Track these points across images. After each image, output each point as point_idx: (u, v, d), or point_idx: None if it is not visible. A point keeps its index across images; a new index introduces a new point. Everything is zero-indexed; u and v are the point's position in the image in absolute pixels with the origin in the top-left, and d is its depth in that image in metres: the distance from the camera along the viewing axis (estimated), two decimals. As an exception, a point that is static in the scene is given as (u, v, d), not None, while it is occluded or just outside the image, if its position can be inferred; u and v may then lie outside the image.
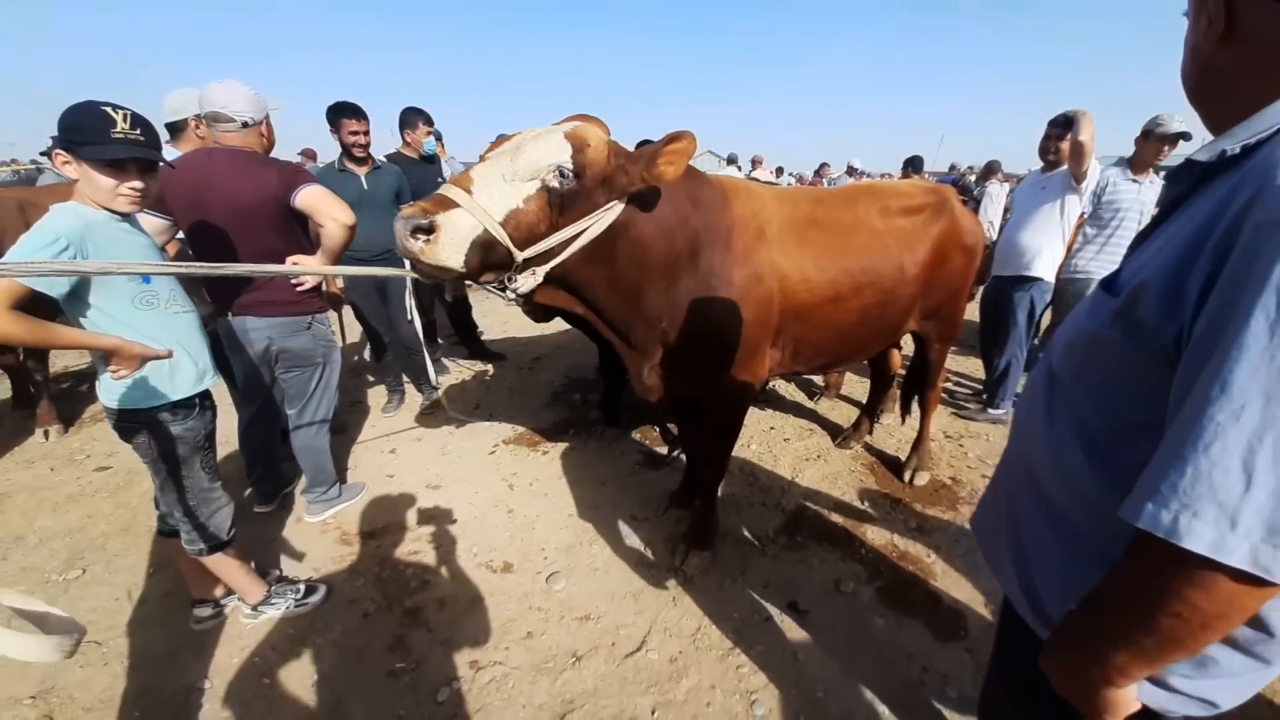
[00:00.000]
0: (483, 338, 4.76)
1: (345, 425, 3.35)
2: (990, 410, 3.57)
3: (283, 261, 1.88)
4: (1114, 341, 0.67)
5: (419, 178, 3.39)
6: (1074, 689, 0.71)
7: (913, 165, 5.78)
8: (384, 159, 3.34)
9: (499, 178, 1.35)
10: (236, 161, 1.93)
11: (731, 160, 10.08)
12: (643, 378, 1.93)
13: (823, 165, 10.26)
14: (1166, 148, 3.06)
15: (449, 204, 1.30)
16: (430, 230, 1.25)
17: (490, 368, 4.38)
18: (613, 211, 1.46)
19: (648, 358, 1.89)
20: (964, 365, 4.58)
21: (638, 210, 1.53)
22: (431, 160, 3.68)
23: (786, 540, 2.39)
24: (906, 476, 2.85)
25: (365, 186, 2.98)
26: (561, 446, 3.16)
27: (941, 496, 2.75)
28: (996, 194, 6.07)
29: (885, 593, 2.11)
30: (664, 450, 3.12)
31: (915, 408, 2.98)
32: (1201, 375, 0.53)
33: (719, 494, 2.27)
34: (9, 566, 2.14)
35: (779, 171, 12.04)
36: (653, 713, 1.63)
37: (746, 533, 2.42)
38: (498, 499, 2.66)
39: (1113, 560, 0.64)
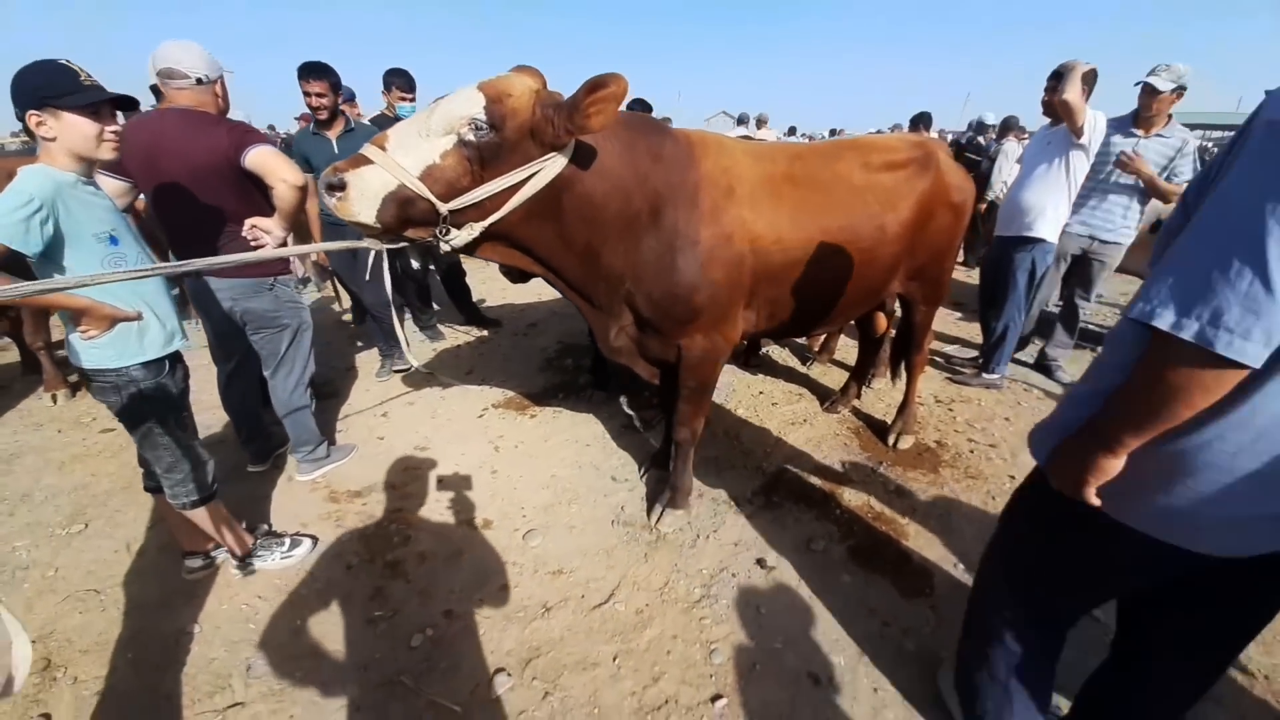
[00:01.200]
0: (483, 305, 4.78)
1: (338, 390, 3.42)
2: (985, 375, 3.51)
3: (240, 223, 1.89)
4: (1173, 228, 0.92)
5: None
6: (1075, 470, 0.95)
7: (922, 122, 5.56)
8: (366, 121, 3.30)
9: (415, 134, 1.36)
10: (188, 121, 1.92)
11: (741, 120, 9.78)
12: (610, 340, 1.93)
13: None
14: (1155, 101, 2.91)
15: (363, 161, 1.33)
16: (341, 187, 1.31)
17: (486, 333, 4.41)
18: (552, 165, 1.43)
19: (615, 320, 1.89)
20: (967, 331, 4.50)
21: (585, 165, 1.50)
22: None
23: (764, 501, 2.42)
24: (890, 440, 2.84)
25: (336, 150, 2.95)
26: (550, 410, 3.20)
27: (924, 460, 2.74)
28: (1012, 152, 5.81)
29: (856, 551, 2.13)
30: (650, 413, 3.14)
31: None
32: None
33: (692, 455, 2.29)
34: (16, 522, 2.25)
35: (791, 131, 11.62)
36: (614, 659, 1.69)
37: (725, 493, 2.46)
38: (483, 460, 2.72)
39: None
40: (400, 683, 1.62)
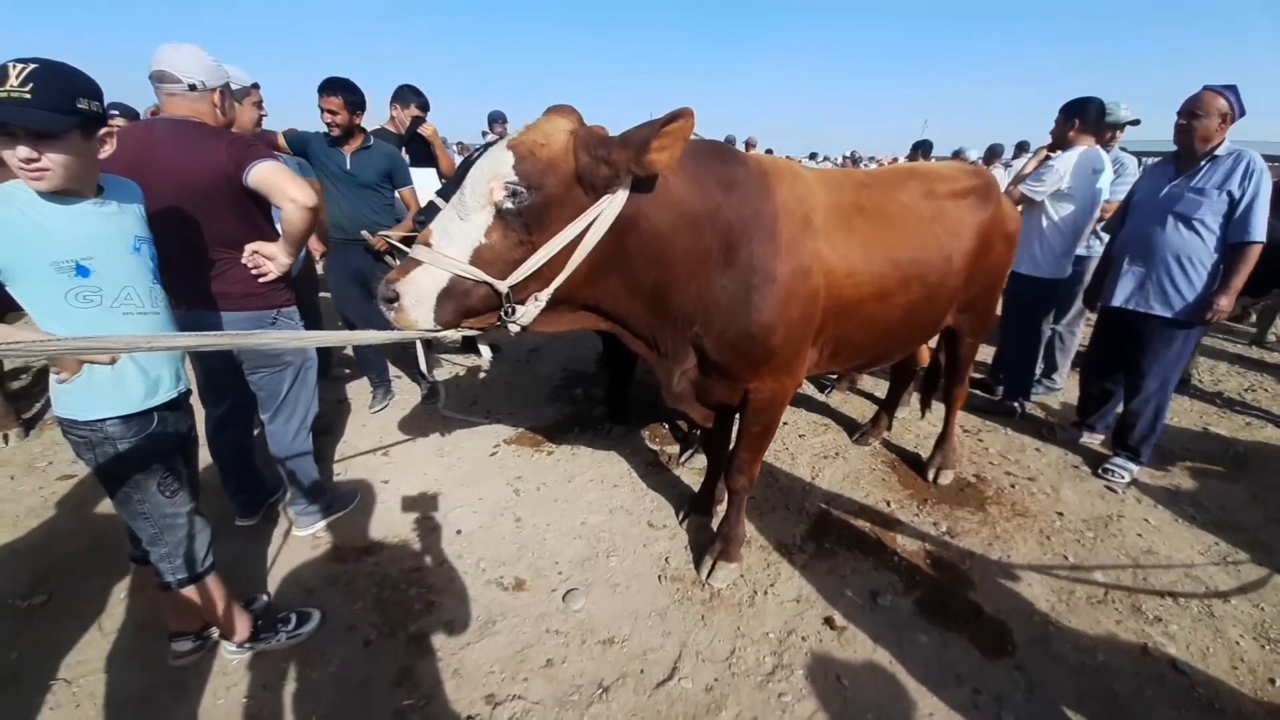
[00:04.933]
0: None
1: (330, 426, 3.12)
2: (1007, 402, 3.46)
3: (239, 248, 1.66)
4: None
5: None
6: (1225, 307, 2.38)
7: (922, 150, 5.60)
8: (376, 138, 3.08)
9: (455, 218, 1.24)
10: (180, 133, 1.68)
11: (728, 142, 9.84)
12: (673, 386, 1.76)
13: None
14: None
15: (412, 265, 1.23)
16: (396, 298, 1.22)
17: (484, 361, 4.16)
18: (610, 209, 1.28)
19: (679, 364, 1.72)
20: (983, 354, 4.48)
21: (647, 201, 1.34)
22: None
23: (815, 548, 2.26)
24: (930, 475, 2.73)
25: (348, 166, 2.77)
26: (567, 446, 2.99)
27: (968, 496, 2.64)
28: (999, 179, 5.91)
29: (924, 605, 1.99)
30: (675, 450, 2.96)
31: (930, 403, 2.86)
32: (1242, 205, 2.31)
33: (746, 502, 2.12)
34: (-38, 594, 1.91)
35: (811, 157, 11.82)
36: (693, 753, 1.49)
37: (772, 540, 2.29)
38: (504, 505, 2.49)
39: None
40: (448, 795, 1.39)
